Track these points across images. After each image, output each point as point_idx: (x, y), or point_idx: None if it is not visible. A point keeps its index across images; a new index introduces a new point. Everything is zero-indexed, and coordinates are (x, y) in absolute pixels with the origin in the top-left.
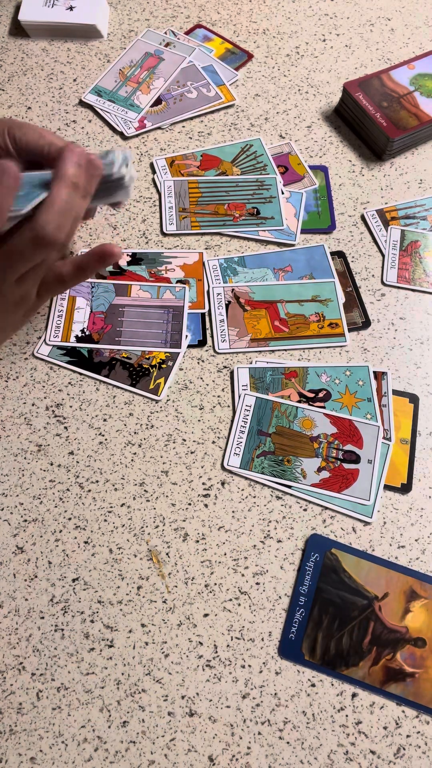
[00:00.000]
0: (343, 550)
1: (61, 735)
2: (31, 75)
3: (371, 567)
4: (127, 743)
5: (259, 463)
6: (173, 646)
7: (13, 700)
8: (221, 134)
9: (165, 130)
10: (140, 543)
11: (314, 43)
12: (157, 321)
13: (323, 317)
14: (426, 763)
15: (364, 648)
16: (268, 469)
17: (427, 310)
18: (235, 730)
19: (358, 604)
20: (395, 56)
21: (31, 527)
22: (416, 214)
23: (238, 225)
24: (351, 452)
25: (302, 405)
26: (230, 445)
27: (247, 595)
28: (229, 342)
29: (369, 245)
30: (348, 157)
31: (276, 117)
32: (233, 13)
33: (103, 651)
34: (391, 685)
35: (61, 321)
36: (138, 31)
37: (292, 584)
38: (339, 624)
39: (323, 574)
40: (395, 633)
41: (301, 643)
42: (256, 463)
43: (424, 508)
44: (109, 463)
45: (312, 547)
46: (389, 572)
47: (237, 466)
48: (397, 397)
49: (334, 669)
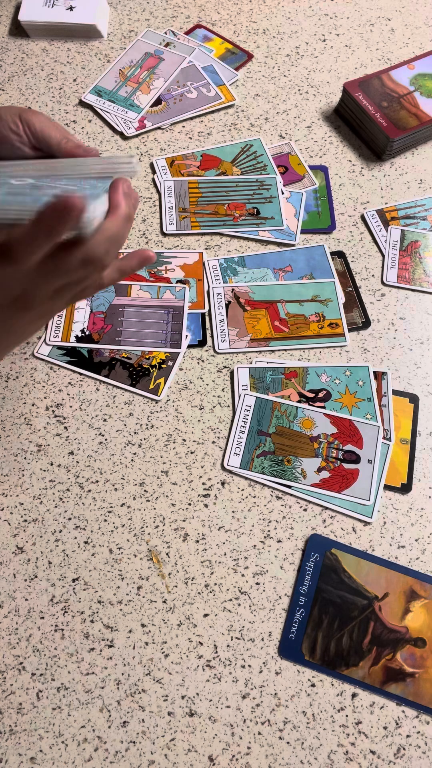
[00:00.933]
0: (343, 550)
1: (61, 735)
2: (31, 75)
3: (371, 567)
4: (127, 743)
5: (259, 463)
6: (173, 646)
7: (13, 700)
8: (221, 134)
9: (165, 130)
10: (140, 543)
11: (314, 43)
12: (157, 321)
13: (323, 317)
14: (426, 763)
15: (364, 648)
16: (268, 469)
17: (427, 310)
18: (235, 730)
19: (358, 604)
20: (395, 56)
21: (31, 527)
22: (416, 214)
23: (238, 225)
24: (351, 452)
25: (302, 405)
26: (230, 445)
27: (247, 595)
28: (229, 342)
29: (369, 245)
30: (348, 157)
31: (276, 117)
32: (233, 13)
33: (103, 651)
34: (391, 685)
35: (61, 321)
36: (138, 31)
37: (292, 584)
38: (339, 624)
39: (323, 574)
40: (395, 633)
41: (301, 643)
42: (256, 463)
43: (424, 508)
44: (109, 463)
45: (312, 547)
46: (389, 572)
47: (237, 466)
48: (397, 397)
49: (334, 669)
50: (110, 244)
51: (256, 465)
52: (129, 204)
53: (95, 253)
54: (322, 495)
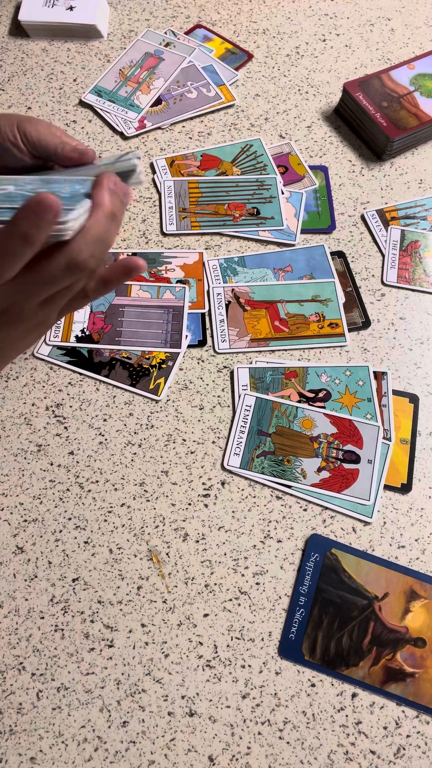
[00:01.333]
0: (343, 550)
1: (61, 735)
2: (31, 75)
3: (371, 567)
4: (127, 743)
5: (259, 463)
6: (173, 646)
7: (13, 700)
8: (221, 134)
9: (165, 130)
10: (140, 543)
11: (314, 43)
12: (157, 321)
13: (323, 317)
14: (426, 763)
15: (364, 648)
16: (268, 469)
17: (427, 310)
18: (235, 730)
19: (358, 604)
20: (395, 56)
21: (31, 527)
22: (416, 214)
23: (238, 225)
24: (351, 452)
25: (302, 405)
26: (230, 445)
27: (247, 595)
28: (229, 342)
29: (369, 245)
30: (348, 157)
31: (276, 117)
32: (233, 13)
33: (103, 651)
34: (391, 685)
35: (61, 321)
36: (138, 31)
37: (292, 584)
38: (339, 624)
39: (323, 574)
40: (395, 633)
41: (301, 643)
42: (256, 463)
43: (424, 508)
44: (109, 463)
45: (312, 547)
46: (389, 572)
47: (237, 466)
48: (397, 397)
49: (334, 669)
50: (94, 247)
51: (256, 465)
52: (114, 201)
53: (78, 257)
54: (322, 495)
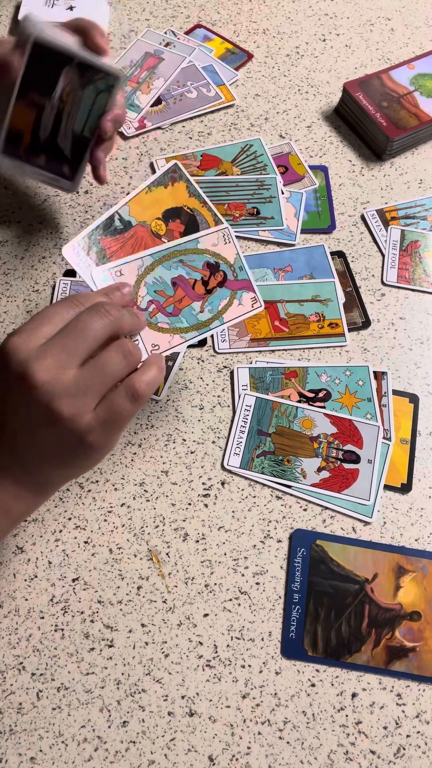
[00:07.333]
0: (327, 539)
1: (61, 735)
2: None
3: (357, 551)
4: (127, 743)
5: (259, 463)
6: (173, 646)
7: (13, 700)
8: (221, 134)
9: (165, 130)
10: (140, 543)
11: (314, 43)
12: None
13: (323, 317)
14: (426, 763)
15: (364, 632)
16: (268, 469)
17: (427, 310)
18: (235, 730)
19: (351, 590)
20: (395, 56)
21: (31, 527)
22: (416, 214)
23: (238, 225)
24: (351, 452)
25: (302, 405)
26: (230, 445)
27: (247, 595)
28: (229, 342)
29: (369, 245)
30: (348, 157)
31: (276, 117)
32: (233, 13)
33: (103, 651)
34: (395, 663)
35: None
36: (138, 31)
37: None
38: (336, 614)
39: (312, 567)
40: (390, 611)
41: (302, 640)
42: (256, 463)
43: (424, 508)
44: (109, 463)
45: (297, 542)
46: (375, 553)
47: (237, 466)
48: (397, 397)
49: (339, 659)
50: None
51: (256, 465)
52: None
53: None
54: (322, 495)
